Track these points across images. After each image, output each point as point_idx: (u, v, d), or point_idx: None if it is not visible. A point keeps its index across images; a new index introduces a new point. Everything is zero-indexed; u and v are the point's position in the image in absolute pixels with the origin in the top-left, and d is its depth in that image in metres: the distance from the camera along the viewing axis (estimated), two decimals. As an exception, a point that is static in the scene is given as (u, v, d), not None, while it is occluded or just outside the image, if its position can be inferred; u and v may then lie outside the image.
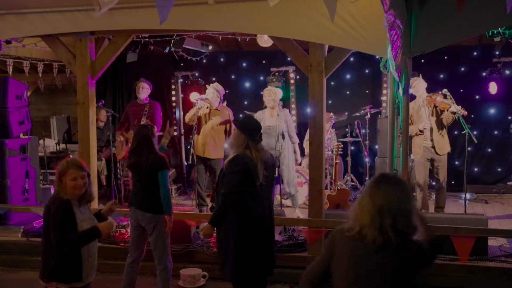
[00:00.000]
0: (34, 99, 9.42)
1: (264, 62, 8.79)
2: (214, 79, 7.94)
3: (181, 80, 9.10)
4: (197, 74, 8.97)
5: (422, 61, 8.03)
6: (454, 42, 4.33)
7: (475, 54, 8.16)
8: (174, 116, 9.23)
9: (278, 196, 6.89)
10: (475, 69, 8.08)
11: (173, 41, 6.67)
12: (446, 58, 8.14)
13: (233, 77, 9.06)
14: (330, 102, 7.75)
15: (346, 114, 7.81)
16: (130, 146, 4.67)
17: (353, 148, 7.99)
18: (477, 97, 8.13)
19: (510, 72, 7.86)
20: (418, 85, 6.52)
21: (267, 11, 4.32)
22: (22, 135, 7.14)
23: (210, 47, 8.50)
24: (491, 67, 7.61)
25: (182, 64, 9.04)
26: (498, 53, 7.35)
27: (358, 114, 7.88)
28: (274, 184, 3.94)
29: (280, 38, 5.25)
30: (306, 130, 6.76)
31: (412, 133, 6.55)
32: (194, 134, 6.92)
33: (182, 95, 9.16)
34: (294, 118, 8.46)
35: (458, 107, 6.22)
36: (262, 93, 7.24)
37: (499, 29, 5.99)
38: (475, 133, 7.31)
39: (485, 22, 3.49)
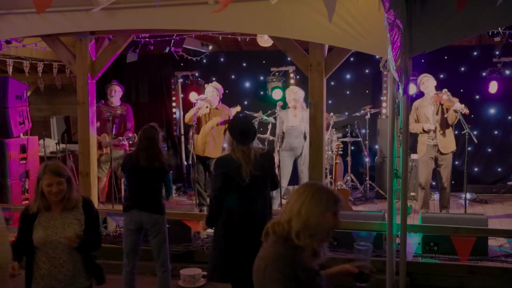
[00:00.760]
0: (34, 99, 9.41)
1: (264, 62, 8.78)
2: (214, 79, 7.93)
3: (181, 80, 9.10)
4: (197, 74, 8.96)
5: (422, 61, 8.03)
6: (454, 42, 4.33)
7: (475, 54, 8.15)
8: (174, 116, 9.23)
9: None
10: (475, 69, 8.07)
11: (173, 41, 6.66)
12: (446, 58, 8.13)
13: (233, 77, 9.05)
14: (330, 102, 7.75)
15: (346, 114, 7.81)
16: (135, 147, 4.61)
17: (353, 148, 7.98)
18: (477, 97, 8.12)
19: (510, 72, 7.85)
20: (427, 82, 6.51)
21: (267, 11, 4.33)
22: (22, 135, 7.14)
23: (210, 47, 8.50)
24: (491, 67, 7.60)
25: (182, 64, 9.04)
26: (498, 53, 7.35)
27: (358, 114, 7.88)
28: (270, 182, 3.89)
29: (280, 38, 5.25)
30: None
31: (416, 131, 6.59)
32: (193, 134, 6.93)
33: (182, 95, 9.16)
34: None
35: (461, 106, 6.22)
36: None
37: (499, 29, 5.99)
38: (475, 133, 7.30)
39: (485, 22, 3.47)
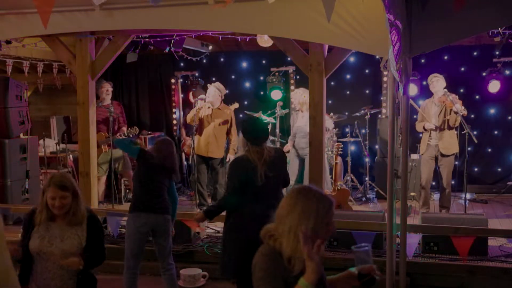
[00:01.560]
0: (34, 99, 9.42)
1: (264, 62, 8.79)
2: (214, 79, 7.94)
3: (181, 80, 9.10)
4: (197, 74, 8.96)
5: (422, 61, 8.04)
6: (454, 42, 4.34)
7: (475, 54, 8.15)
8: (174, 116, 9.23)
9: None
10: (475, 69, 8.07)
11: (173, 41, 6.66)
12: (446, 58, 8.13)
13: (233, 77, 9.05)
14: (330, 102, 7.75)
15: (346, 114, 7.81)
16: (151, 152, 4.61)
17: (353, 148, 7.99)
18: (477, 97, 8.12)
19: (510, 72, 7.85)
20: (436, 82, 6.50)
21: (267, 11, 4.33)
22: (22, 135, 7.14)
23: (210, 47, 8.50)
24: (491, 67, 7.60)
25: (182, 64, 9.06)
26: (498, 53, 7.35)
27: (358, 114, 7.87)
28: (282, 183, 4.03)
29: (280, 38, 5.25)
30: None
31: (418, 129, 6.65)
32: (194, 134, 6.93)
33: (182, 95, 9.16)
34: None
35: (460, 107, 6.23)
36: None
37: (499, 29, 5.99)
38: (475, 133, 7.30)
39: (485, 22, 3.48)
